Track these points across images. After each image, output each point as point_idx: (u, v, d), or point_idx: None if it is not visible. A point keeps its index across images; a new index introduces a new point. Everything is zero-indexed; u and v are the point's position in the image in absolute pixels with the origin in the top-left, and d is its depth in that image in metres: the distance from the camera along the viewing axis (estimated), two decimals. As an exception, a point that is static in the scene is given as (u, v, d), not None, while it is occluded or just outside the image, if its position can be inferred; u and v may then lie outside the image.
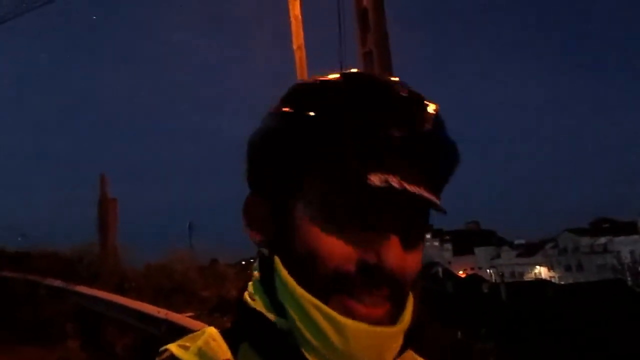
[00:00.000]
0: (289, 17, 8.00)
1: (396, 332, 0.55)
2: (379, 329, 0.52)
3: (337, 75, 0.58)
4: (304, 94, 0.58)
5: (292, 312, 0.54)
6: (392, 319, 0.54)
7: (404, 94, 0.55)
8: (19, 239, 10.21)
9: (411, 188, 0.51)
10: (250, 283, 0.61)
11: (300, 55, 7.94)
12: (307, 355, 0.53)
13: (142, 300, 6.11)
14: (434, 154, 0.55)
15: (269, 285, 0.57)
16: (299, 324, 0.53)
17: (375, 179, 0.51)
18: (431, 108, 0.56)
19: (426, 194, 0.52)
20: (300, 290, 0.53)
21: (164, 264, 7.96)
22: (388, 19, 5.87)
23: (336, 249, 0.53)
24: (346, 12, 6.38)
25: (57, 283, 7.22)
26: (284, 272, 0.55)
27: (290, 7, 8.03)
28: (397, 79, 0.58)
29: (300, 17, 7.96)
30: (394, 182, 0.51)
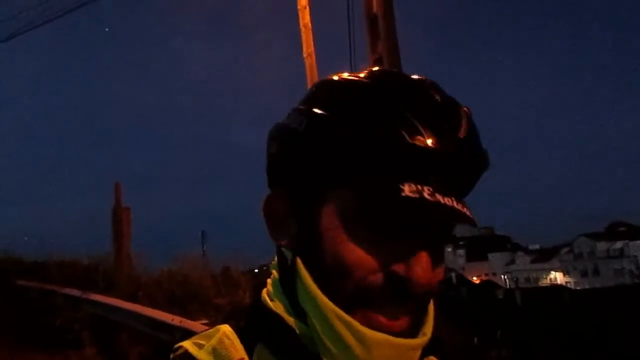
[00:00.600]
0: (299, 26, 8.05)
1: (418, 345, 0.54)
2: (401, 340, 0.52)
3: (365, 74, 0.56)
4: (335, 96, 0.55)
5: (313, 319, 0.53)
6: (414, 331, 0.54)
7: (437, 98, 0.54)
8: (25, 238, 10.32)
9: (444, 200, 0.50)
10: (268, 281, 0.61)
11: (310, 62, 7.97)
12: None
13: (156, 308, 6.14)
14: (466, 163, 0.53)
15: (289, 287, 0.57)
16: (319, 331, 0.52)
17: (408, 190, 0.49)
18: (464, 114, 0.54)
19: (457, 207, 0.51)
20: (323, 299, 0.52)
21: (177, 271, 7.99)
22: (398, 25, 5.88)
23: (364, 259, 0.51)
24: (356, 19, 6.40)
25: (74, 292, 7.28)
26: (307, 278, 0.54)
27: (300, 15, 8.08)
28: (428, 79, 0.56)
29: (310, 25, 8.01)
30: (427, 194, 0.50)
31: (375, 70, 0.57)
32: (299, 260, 0.55)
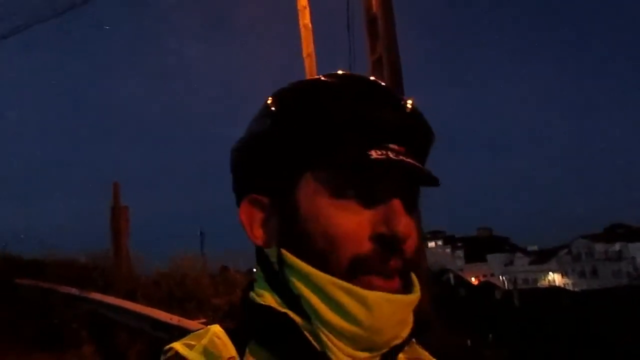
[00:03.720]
0: (299, 26, 8.06)
1: (413, 300, 0.57)
2: (399, 296, 0.55)
3: (317, 77, 0.63)
4: (294, 94, 0.62)
5: (311, 297, 0.55)
6: (406, 289, 0.58)
7: (384, 85, 0.62)
8: (22, 236, 10.24)
9: (406, 159, 0.56)
10: (255, 283, 0.62)
11: (309, 62, 7.99)
12: (327, 348, 0.53)
13: (154, 307, 6.14)
14: (418, 132, 0.60)
15: (276, 281, 0.58)
16: (319, 306, 0.54)
17: (375, 154, 0.55)
18: (409, 98, 0.62)
19: (416, 163, 0.57)
20: (318, 273, 0.55)
21: (175, 271, 7.99)
22: (397, 26, 5.88)
23: (351, 230, 0.55)
24: (355, 20, 6.42)
25: (72, 290, 7.28)
26: (298, 262, 0.56)
27: (300, 16, 8.09)
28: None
29: (310, 25, 8.02)
30: (392, 155, 0.55)
31: (324, 74, 0.63)
32: (285, 251, 0.57)
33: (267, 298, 0.58)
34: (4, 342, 6.91)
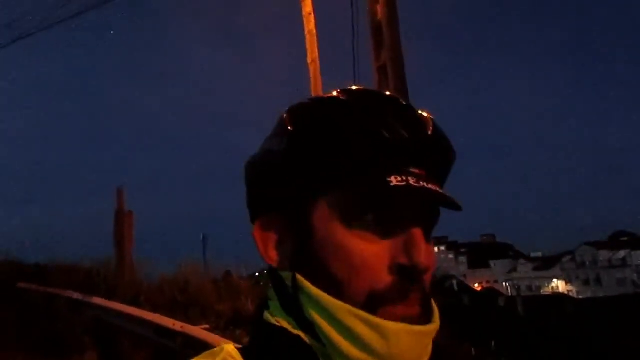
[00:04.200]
0: (304, 32, 8.09)
1: (432, 330, 0.55)
2: (417, 327, 0.53)
3: (334, 92, 0.60)
4: (311, 112, 0.59)
5: (326, 326, 0.53)
6: (426, 318, 0.56)
7: (403, 103, 0.59)
8: (25, 242, 10.25)
9: (428, 185, 0.54)
10: (269, 302, 0.60)
11: (314, 68, 8.00)
12: None
13: (157, 313, 6.13)
14: (439, 154, 0.58)
15: (291, 306, 0.57)
16: (334, 336, 0.53)
17: (395, 180, 0.53)
18: (428, 116, 0.60)
19: (441, 191, 0.55)
20: (335, 301, 0.53)
21: (179, 276, 7.98)
22: (402, 33, 5.90)
23: (369, 258, 0.53)
24: (360, 26, 6.43)
25: (76, 296, 7.28)
26: (312, 288, 0.54)
27: (305, 22, 8.12)
28: (391, 94, 0.62)
29: (314, 31, 8.04)
30: (412, 181, 0.53)
31: (342, 89, 0.61)
32: (300, 277, 0.56)
33: (282, 320, 0.58)
34: (7, 347, 6.91)
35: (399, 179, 0.53)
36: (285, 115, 0.61)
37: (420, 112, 0.60)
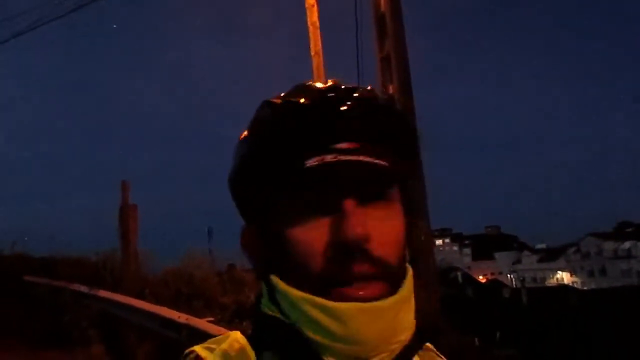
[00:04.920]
0: (307, 24, 8.05)
1: (389, 305, 0.54)
2: (370, 304, 0.52)
3: (273, 99, 0.61)
4: (254, 123, 0.61)
5: (294, 317, 0.55)
6: (389, 292, 0.54)
7: (327, 87, 0.59)
8: (26, 238, 10.27)
9: (346, 157, 0.54)
10: (263, 296, 0.62)
11: (317, 60, 7.99)
12: (325, 357, 0.53)
13: (162, 305, 6.16)
14: (367, 126, 0.57)
15: (275, 304, 0.59)
16: (303, 326, 0.54)
17: (311, 162, 0.54)
18: (362, 89, 0.59)
19: (364, 159, 0.54)
20: (294, 291, 0.55)
21: (183, 269, 8.01)
22: (405, 24, 5.86)
23: (309, 245, 0.54)
24: (364, 18, 6.40)
25: (82, 289, 7.32)
26: (280, 283, 0.57)
27: (308, 14, 8.08)
28: (334, 79, 0.61)
29: (317, 23, 8.01)
30: (329, 158, 0.54)
31: (278, 95, 0.61)
32: (272, 277, 0.59)
33: (273, 311, 0.59)
34: (14, 339, 6.97)
35: (316, 159, 0.54)
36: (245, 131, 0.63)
37: (340, 85, 0.59)
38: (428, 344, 0.64)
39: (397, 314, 0.55)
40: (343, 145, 0.56)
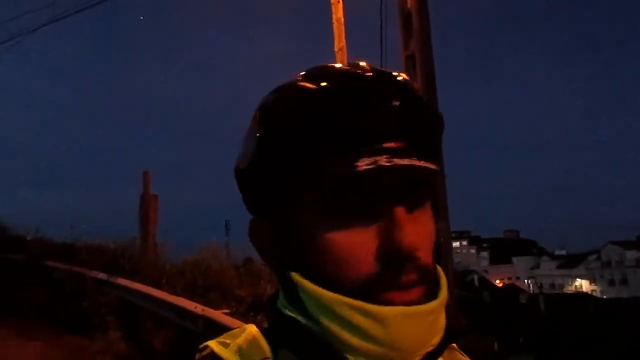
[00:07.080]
0: (331, 20, 8.03)
1: (431, 309, 0.53)
2: (413, 308, 0.51)
3: (300, 77, 0.57)
4: (270, 113, 0.57)
5: (325, 319, 0.53)
6: (428, 296, 0.53)
7: (368, 75, 0.55)
8: (50, 225, 10.43)
9: (402, 161, 0.51)
10: (280, 293, 0.60)
11: (341, 57, 7.95)
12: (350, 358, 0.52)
13: (177, 295, 6.23)
14: (415, 123, 0.54)
15: (296, 303, 0.56)
16: (334, 328, 0.52)
17: (363, 164, 0.50)
18: (400, 78, 0.56)
19: (418, 163, 0.51)
20: (331, 294, 0.52)
21: (200, 261, 8.08)
22: (432, 22, 5.81)
23: (352, 250, 0.52)
24: (389, 15, 6.35)
25: (101, 276, 7.44)
26: (307, 284, 0.54)
27: (333, 10, 8.05)
28: (360, 62, 0.57)
29: (342, 19, 7.98)
30: (383, 161, 0.50)
31: (307, 72, 0.58)
32: (294, 275, 0.55)
33: (290, 311, 0.57)
34: (35, 322, 7.13)
35: (368, 161, 0.50)
36: (255, 114, 0.59)
37: (390, 77, 0.56)
38: (452, 344, 0.62)
39: (437, 317, 0.54)
40: (392, 145, 0.52)
